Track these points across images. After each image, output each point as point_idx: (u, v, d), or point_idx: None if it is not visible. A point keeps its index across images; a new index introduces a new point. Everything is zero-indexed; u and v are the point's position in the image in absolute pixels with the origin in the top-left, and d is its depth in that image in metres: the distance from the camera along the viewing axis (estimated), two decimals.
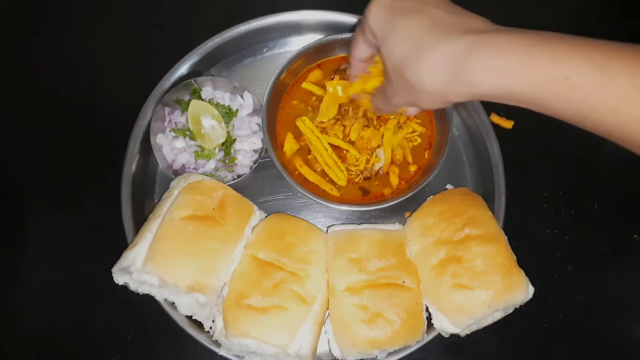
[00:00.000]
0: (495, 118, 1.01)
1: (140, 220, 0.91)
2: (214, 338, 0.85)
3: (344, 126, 0.98)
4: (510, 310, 0.85)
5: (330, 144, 0.97)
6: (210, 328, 0.86)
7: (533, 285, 0.83)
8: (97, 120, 1.04)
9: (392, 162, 0.98)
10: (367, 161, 0.97)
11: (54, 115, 1.06)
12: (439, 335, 0.86)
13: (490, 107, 1.00)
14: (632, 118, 0.49)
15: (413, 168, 0.98)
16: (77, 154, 1.03)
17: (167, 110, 0.99)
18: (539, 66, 0.51)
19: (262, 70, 1.06)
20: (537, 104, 0.54)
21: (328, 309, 0.85)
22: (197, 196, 0.86)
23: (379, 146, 0.97)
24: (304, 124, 0.98)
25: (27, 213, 1.00)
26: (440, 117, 0.98)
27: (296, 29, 1.07)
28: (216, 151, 0.99)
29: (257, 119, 1.00)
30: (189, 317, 0.88)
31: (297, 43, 1.07)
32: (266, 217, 0.92)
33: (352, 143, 0.98)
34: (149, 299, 0.86)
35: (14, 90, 1.08)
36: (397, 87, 0.65)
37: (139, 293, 0.85)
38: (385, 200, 0.93)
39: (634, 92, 0.48)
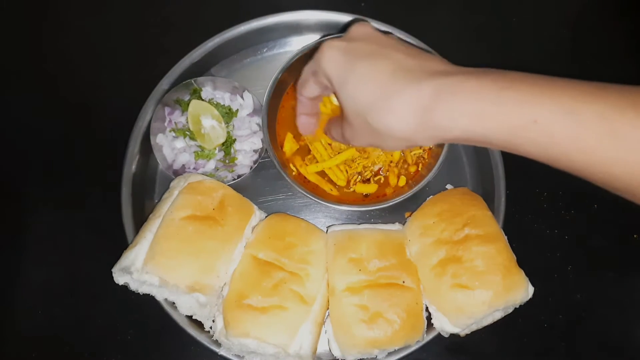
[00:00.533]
0: None
1: (140, 220, 0.91)
2: (214, 338, 0.85)
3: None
4: (510, 310, 0.85)
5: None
6: (211, 328, 0.86)
7: (533, 285, 0.83)
8: (97, 120, 1.04)
9: (391, 163, 0.98)
10: (365, 167, 0.97)
11: (54, 115, 1.05)
12: (439, 335, 0.86)
13: None
14: (603, 159, 0.48)
15: (413, 168, 0.98)
16: (77, 154, 1.03)
17: (167, 110, 0.99)
18: (508, 111, 0.50)
19: (262, 70, 1.06)
20: (509, 148, 0.53)
21: (328, 309, 0.85)
22: (197, 196, 0.86)
23: None
24: None
25: (27, 213, 1.00)
26: None
27: (296, 29, 1.07)
28: (216, 151, 0.99)
29: (257, 119, 1.00)
30: (189, 317, 0.88)
31: (297, 43, 1.08)
32: (266, 217, 0.92)
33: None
34: (149, 299, 0.86)
35: (14, 90, 1.08)
36: (358, 131, 0.63)
37: (139, 293, 0.85)
38: (385, 200, 0.93)
39: (604, 136, 0.47)
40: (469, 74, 0.54)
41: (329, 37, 0.98)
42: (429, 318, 0.85)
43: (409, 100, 0.55)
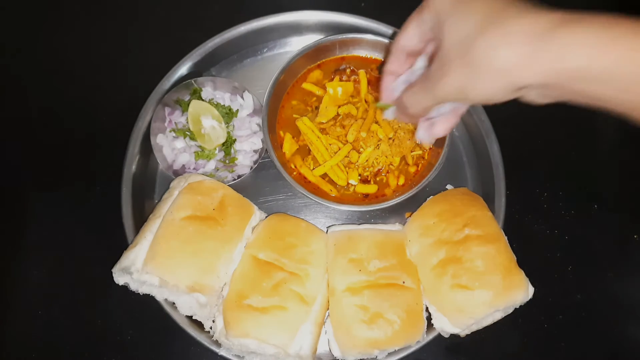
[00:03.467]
0: None
1: (140, 220, 0.91)
2: (214, 338, 0.85)
3: (343, 126, 0.98)
4: (510, 311, 0.85)
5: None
6: (211, 328, 0.86)
7: (533, 285, 0.83)
8: (97, 121, 1.04)
9: (391, 164, 0.98)
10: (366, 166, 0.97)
11: (54, 115, 1.06)
12: (439, 335, 0.86)
13: (491, 111, 1.00)
14: None
15: (413, 168, 0.98)
16: (78, 154, 1.03)
17: (167, 110, 0.99)
18: (631, 44, 0.47)
19: (262, 70, 1.06)
20: (629, 89, 0.49)
21: (328, 309, 0.85)
22: (197, 196, 0.86)
23: (378, 146, 0.97)
24: (305, 124, 0.98)
25: (27, 213, 1.00)
26: None
27: (296, 29, 1.07)
28: (216, 151, 0.99)
29: (257, 119, 1.00)
30: (189, 317, 0.88)
31: (297, 43, 1.08)
32: (266, 217, 0.92)
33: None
34: (149, 299, 0.86)
35: (14, 91, 1.08)
36: (453, 65, 0.57)
37: (139, 293, 0.85)
38: (385, 200, 0.93)
39: None
40: (580, 14, 0.51)
41: (333, 37, 0.99)
42: (429, 318, 0.85)
43: (525, 24, 0.52)
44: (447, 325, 0.83)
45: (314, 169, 0.97)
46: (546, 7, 0.53)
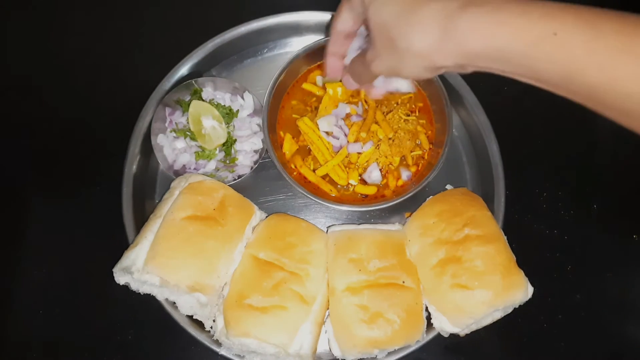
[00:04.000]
0: None
1: (141, 220, 0.91)
2: (214, 338, 0.85)
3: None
4: (510, 310, 0.85)
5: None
6: (211, 328, 0.86)
7: (533, 285, 0.83)
8: (98, 121, 1.04)
9: (391, 164, 0.98)
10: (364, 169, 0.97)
11: (54, 115, 1.06)
12: (439, 335, 0.86)
13: (491, 111, 1.00)
14: (619, 76, 0.48)
15: (413, 168, 0.98)
16: (78, 154, 1.03)
17: (167, 110, 1.00)
18: (530, 23, 0.50)
19: (262, 70, 1.06)
20: (525, 65, 0.53)
21: (328, 308, 0.85)
22: (197, 196, 0.86)
23: (378, 146, 0.98)
24: (305, 124, 0.98)
25: (27, 213, 1.00)
26: (440, 117, 0.98)
27: (296, 29, 1.07)
28: (217, 152, 0.99)
29: (258, 120, 1.00)
30: (190, 317, 0.88)
31: (298, 44, 1.08)
32: (266, 217, 0.92)
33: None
34: (149, 299, 0.86)
35: (14, 91, 1.08)
36: (380, 49, 0.62)
37: (139, 293, 0.85)
38: (385, 200, 0.93)
39: (622, 51, 0.47)
40: None
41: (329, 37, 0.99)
42: (428, 318, 0.85)
43: (434, 11, 0.55)
44: (447, 324, 0.83)
45: (314, 169, 0.97)
46: None
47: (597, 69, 0.48)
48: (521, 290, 0.81)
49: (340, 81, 0.78)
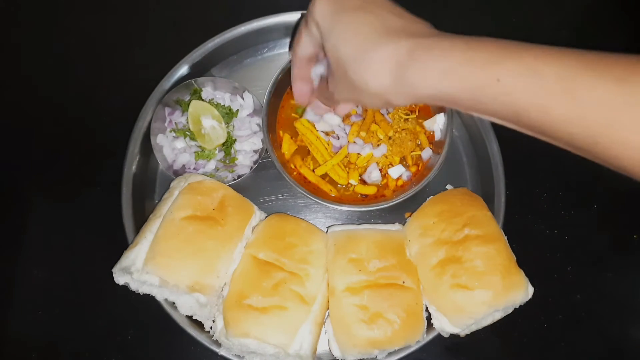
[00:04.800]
0: None
1: (140, 220, 0.91)
2: (214, 338, 0.85)
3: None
4: (510, 311, 0.85)
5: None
6: (211, 328, 0.86)
7: (533, 285, 0.83)
8: (97, 121, 1.04)
9: (390, 164, 0.98)
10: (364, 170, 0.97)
11: (54, 115, 1.06)
12: (439, 335, 0.86)
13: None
14: (560, 118, 0.50)
15: (413, 168, 0.98)
16: (78, 154, 1.03)
17: (167, 110, 1.00)
18: (474, 70, 0.52)
19: (262, 70, 1.06)
20: (474, 107, 0.55)
21: (328, 309, 0.85)
22: (197, 196, 0.86)
23: (378, 146, 0.97)
24: (303, 125, 0.98)
25: (27, 213, 1.00)
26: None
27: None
28: (216, 151, 0.99)
29: (258, 119, 1.00)
30: (189, 317, 0.88)
31: None
32: (266, 217, 0.92)
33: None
34: (149, 299, 0.86)
35: (14, 91, 1.08)
36: (339, 83, 0.64)
37: (139, 293, 0.85)
38: (385, 200, 0.93)
39: (562, 95, 0.49)
40: (445, 36, 0.56)
41: None
42: (429, 318, 0.85)
43: (385, 56, 0.57)
44: (447, 325, 0.83)
45: (314, 169, 0.97)
46: (409, 27, 0.59)
47: (539, 110, 0.51)
48: (521, 291, 0.81)
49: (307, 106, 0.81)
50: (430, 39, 0.56)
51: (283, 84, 1.00)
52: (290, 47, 0.82)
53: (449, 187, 0.97)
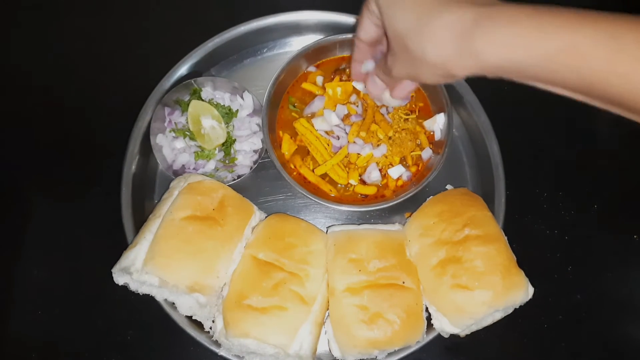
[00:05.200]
0: None
1: (140, 220, 0.91)
2: (214, 338, 0.85)
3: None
4: (510, 311, 0.85)
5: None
6: (210, 328, 0.86)
7: (533, 285, 0.83)
8: (97, 121, 1.04)
9: (390, 164, 0.98)
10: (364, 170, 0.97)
11: (53, 115, 1.06)
12: (439, 335, 0.86)
13: (491, 111, 1.00)
14: None
15: (413, 168, 0.98)
16: (77, 154, 1.03)
17: (167, 110, 0.99)
18: (547, 35, 0.50)
19: (262, 70, 1.06)
20: (544, 76, 0.53)
21: (328, 309, 0.85)
22: (197, 196, 0.86)
23: (378, 146, 0.97)
24: (302, 125, 0.98)
25: (27, 213, 1.00)
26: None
27: (296, 29, 1.07)
28: (216, 151, 0.99)
29: (257, 119, 1.00)
30: (189, 317, 0.88)
31: (297, 43, 1.08)
32: (266, 217, 0.92)
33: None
34: (149, 299, 0.86)
35: (14, 91, 1.08)
36: (398, 56, 0.63)
37: (139, 293, 0.85)
38: (385, 200, 0.93)
39: None
40: (509, 4, 0.54)
41: (333, 37, 0.99)
42: (428, 318, 0.85)
43: (448, 24, 0.55)
44: (447, 325, 0.83)
45: (313, 169, 0.97)
46: None
47: (619, 77, 0.48)
48: (522, 291, 0.81)
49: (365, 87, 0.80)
50: (494, 7, 0.54)
51: (283, 84, 1.00)
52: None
53: (449, 187, 0.97)
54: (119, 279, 0.84)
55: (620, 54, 0.48)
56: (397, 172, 0.96)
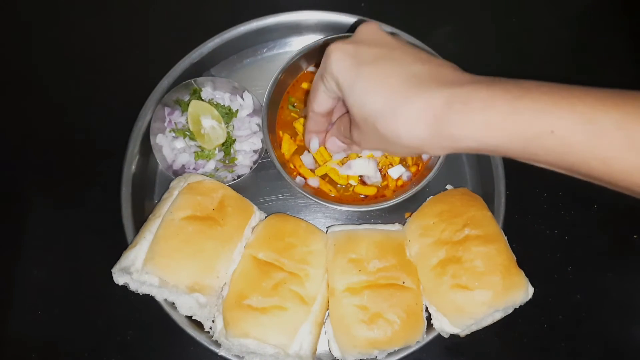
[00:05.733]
0: None
1: (140, 220, 0.91)
2: (214, 338, 0.85)
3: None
4: (510, 311, 0.85)
5: None
6: (210, 328, 0.86)
7: (533, 285, 0.83)
8: (97, 121, 1.04)
9: (391, 164, 0.98)
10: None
11: (54, 115, 1.06)
12: (439, 335, 0.86)
13: None
14: (625, 168, 0.47)
15: (413, 168, 0.98)
16: (77, 154, 1.03)
17: (167, 110, 0.99)
18: (524, 121, 0.49)
19: (262, 70, 1.06)
20: (524, 157, 0.53)
21: (328, 309, 0.85)
22: (196, 196, 0.86)
23: None
24: (302, 125, 0.98)
25: (27, 213, 1.00)
26: None
27: (296, 29, 1.07)
28: (216, 151, 0.99)
29: (257, 119, 1.00)
30: (189, 317, 0.88)
31: (297, 43, 1.08)
32: (266, 217, 0.92)
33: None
34: (149, 299, 0.86)
35: (14, 91, 1.08)
36: (367, 136, 0.62)
37: (139, 293, 0.85)
38: (385, 200, 0.93)
39: (623, 144, 0.46)
40: (480, 83, 0.53)
41: (333, 37, 0.99)
42: (428, 318, 0.85)
43: (419, 109, 0.54)
44: (447, 325, 0.83)
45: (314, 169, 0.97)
46: (442, 76, 0.55)
47: (600, 162, 0.48)
48: (522, 291, 0.81)
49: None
50: (465, 87, 0.53)
51: (283, 84, 0.99)
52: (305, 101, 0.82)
53: (449, 187, 0.97)
54: (119, 279, 0.84)
55: (600, 139, 0.47)
56: (397, 172, 0.96)
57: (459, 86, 0.53)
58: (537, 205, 1.01)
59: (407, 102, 0.54)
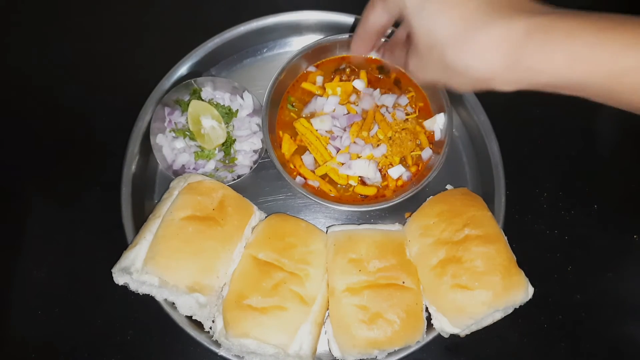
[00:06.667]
0: None
1: (140, 220, 0.91)
2: (214, 338, 0.85)
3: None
4: (510, 311, 0.85)
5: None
6: (210, 328, 0.86)
7: (533, 285, 0.83)
8: (97, 121, 1.04)
9: (391, 164, 0.98)
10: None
11: (53, 116, 1.06)
12: (439, 335, 0.86)
13: (491, 111, 1.00)
14: None
15: (413, 168, 0.98)
16: (77, 154, 1.03)
17: (167, 110, 0.99)
18: (611, 56, 0.46)
19: (262, 70, 1.06)
20: (605, 95, 0.49)
21: (328, 309, 0.85)
22: (196, 196, 0.86)
23: (378, 146, 0.97)
24: (302, 125, 0.98)
25: (27, 213, 1.00)
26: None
27: (296, 29, 1.07)
28: (216, 151, 0.99)
29: (257, 119, 1.00)
30: (189, 317, 0.88)
31: (297, 43, 1.08)
32: (266, 217, 0.92)
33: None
34: (149, 299, 0.86)
35: (14, 91, 1.08)
36: (429, 64, 0.57)
37: (139, 293, 0.85)
38: (385, 200, 0.93)
39: None
40: (564, 14, 0.49)
41: (333, 37, 0.99)
42: (428, 318, 0.85)
43: (496, 37, 0.49)
44: (447, 325, 0.83)
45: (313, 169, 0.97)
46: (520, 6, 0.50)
47: None
48: (522, 291, 0.81)
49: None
50: (547, 16, 0.48)
51: (283, 83, 1.00)
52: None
53: (449, 187, 0.97)
54: (119, 279, 0.84)
55: None
56: (397, 172, 0.96)
57: (540, 15, 0.49)
58: (537, 205, 1.01)
59: (483, 29, 0.50)
